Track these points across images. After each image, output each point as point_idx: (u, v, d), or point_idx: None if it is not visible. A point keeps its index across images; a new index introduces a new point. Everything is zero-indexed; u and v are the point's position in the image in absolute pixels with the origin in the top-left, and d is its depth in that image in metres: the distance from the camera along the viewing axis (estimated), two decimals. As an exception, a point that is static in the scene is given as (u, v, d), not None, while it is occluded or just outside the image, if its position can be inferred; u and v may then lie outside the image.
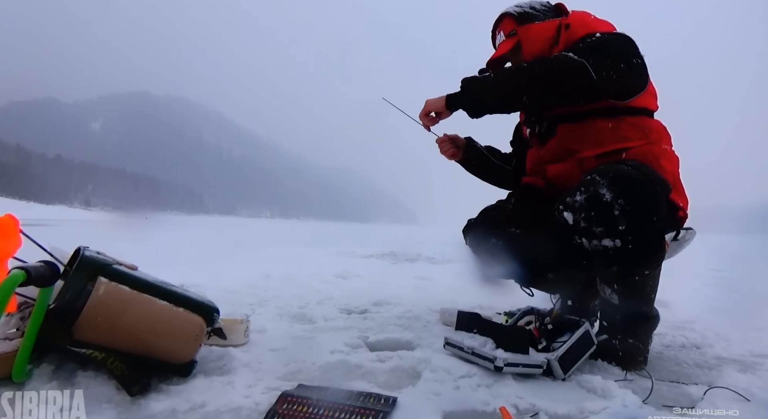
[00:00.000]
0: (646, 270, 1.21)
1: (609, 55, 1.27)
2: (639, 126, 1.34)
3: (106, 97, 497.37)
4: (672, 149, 1.39)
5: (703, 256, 4.46)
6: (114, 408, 0.86)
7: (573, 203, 1.20)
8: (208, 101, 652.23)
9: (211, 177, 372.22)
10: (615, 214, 1.13)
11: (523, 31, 1.47)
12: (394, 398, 0.91)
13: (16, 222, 0.87)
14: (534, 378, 1.08)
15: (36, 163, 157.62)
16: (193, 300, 1.03)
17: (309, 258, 4.44)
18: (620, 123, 1.34)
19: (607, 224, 1.15)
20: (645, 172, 1.18)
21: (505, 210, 1.57)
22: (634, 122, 1.34)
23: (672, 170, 1.33)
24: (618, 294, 1.24)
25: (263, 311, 1.80)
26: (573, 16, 1.45)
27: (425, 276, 3.30)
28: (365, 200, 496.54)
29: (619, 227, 1.14)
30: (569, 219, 1.22)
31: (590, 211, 1.16)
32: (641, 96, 1.34)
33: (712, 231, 15.43)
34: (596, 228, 1.17)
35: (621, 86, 1.31)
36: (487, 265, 1.54)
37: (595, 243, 1.19)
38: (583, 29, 1.38)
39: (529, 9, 1.51)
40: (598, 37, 1.32)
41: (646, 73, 1.33)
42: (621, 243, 1.15)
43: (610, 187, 1.14)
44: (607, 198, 1.14)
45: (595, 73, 1.24)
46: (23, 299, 0.96)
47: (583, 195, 1.18)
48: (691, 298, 2.44)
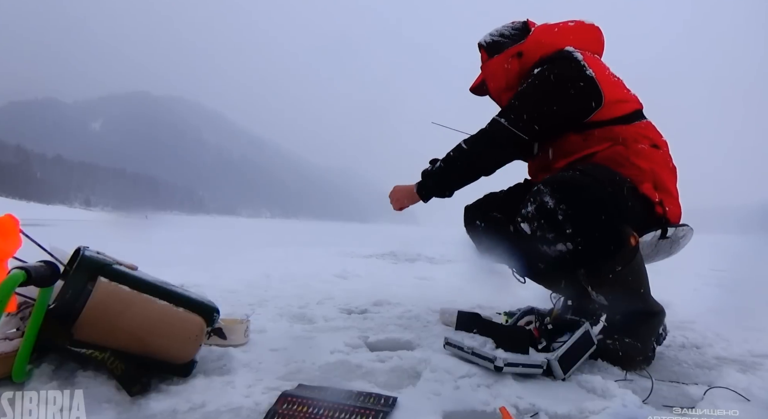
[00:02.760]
0: (615, 266, 1.22)
1: (541, 100, 1.36)
2: (607, 135, 1.36)
3: (106, 97, 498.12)
4: (653, 147, 1.37)
5: (703, 256, 4.46)
6: (114, 408, 0.86)
7: (526, 214, 1.24)
8: (208, 101, 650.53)
9: (211, 177, 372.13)
10: (560, 219, 1.17)
11: (486, 69, 1.59)
12: (394, 398, 0.91)
13: (16, 222, 0.87)
14: (534, 378, 1.08)
15: (36, 163, 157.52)
16: (193, 300, 1.03)
17: (309, 258, 4.44)
18: (588, 137, 1.37)
19: (556, 230, 1.18)
20: (590, 174, 1.22)
21: (495, 196, 1.62)
22: (601, 133, 1.36)
23: (649, 167, 1.33)
24: (603, 295, 1.27)
25: (263, 311, 1.80)
26: (531, 38, 1.50)
27: (425, 276, 3.30)
28: (365, 200, 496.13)
29: (566, 231, 1.17)
30: (527, 229, 1.26)
31: (540, 220, 1.21)
32: (602, 110, 1.34)
33: (712, 232, 15.42)
34: (548, 235, 1.20)
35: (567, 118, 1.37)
36: (478, 247, 1.61)
37: (552, 249, 1.22)
38: (537, 51, 1.45)
39: (498, 37, 1.59)
40: (535, 76, 1.40)
41: (596, 90, 1.32)
42: (572, 246, 1.18)
43: (552, 195, 1.18)
44: (550, 205, 1.18)
45: (525, 132, 1.36)
46: (23, 299, 0.96)
47: (532, 205, 1.22)
48: (691, 298, 2.44)
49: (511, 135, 1.36)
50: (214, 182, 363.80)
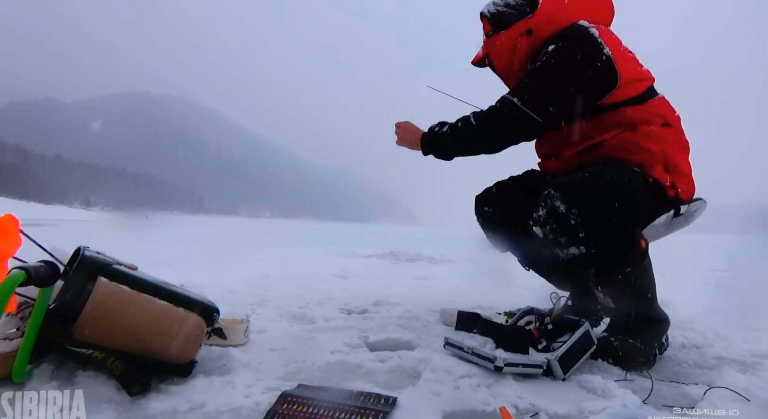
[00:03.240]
0: (626, 268, 1.22)
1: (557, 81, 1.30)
2: (618, 120, 1.33)
3: (106, 97, 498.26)
4: (664, 126, 1.33)
5: (703, 256, 4.46)
6: (114, 408, 0.86)
7: (538, 218, 1.24)
8: (208, 101, 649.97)
9: (211, 177, 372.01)
10: (572, 224, 1.17)
11: (490, 44, 1.50)
12: (394, 398, 0.91)
13: (16, 222, 0.87)
14: (534, 378, 1.08)
15: (36, 163, 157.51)
16: (193, 300, 1.02)
17: (309, 258, 4.44)
18: (599, 122, 1.35)
19: (569, 234, 1.18)
20: (600, 175, 1.20)
21: (503, 185, 1.61)
22: (613, 118, 1.33)
23: (659, 149, 1.30)
24: (611, 297, 1.27)
25: (263, 311, 1.80)
26: (540, 11, 1.41)
27: (425, 276, 3.30)
28: (365, 200, 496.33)
29: (579, 235, 1.17)
30: (539, 233, 1.26)
31: (552, 224, 1.21)
32: (616, 91, 1.30)
33: (712, 231, 15.42)
34: (561, 238, 1.21)
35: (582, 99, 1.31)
36: (487, 235, 1.61)
37: (565, 252, 1.22)
38: (548, 26, 1.38)
39: (503, 7, 1.49)
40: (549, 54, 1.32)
41: (613, 71, 1.27)
42: (585, 249, 1.18)
43: (563, 199, 1.18)
44: (562, 210, 1.18)
45: (539, 114, 1.30)
46: (23, 299, 0.96)
47: (544, 209, 1.22)
48: (691, 298, 2.44)
49: (523, 116, 1.31)
50: (214, 182, 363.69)
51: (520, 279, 2.44)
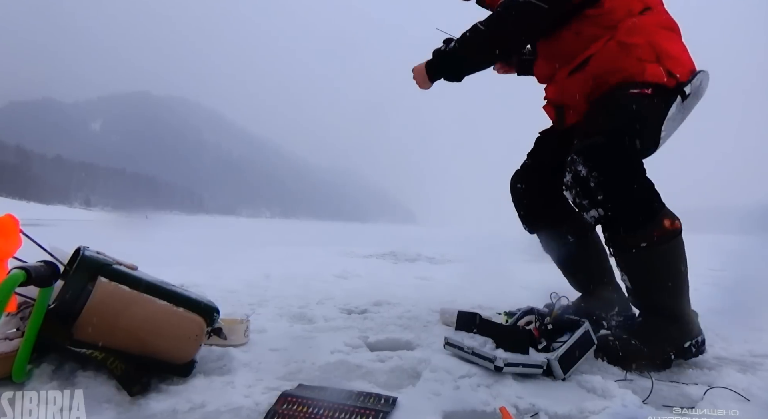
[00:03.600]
0: (639, 241, 1.23)
1: None
2: (599, 18, 1.34)
3: (106, 97, 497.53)
4: (644, 12, 1.35)
5: (703, 256, 4.45)
6: (114, 408, 0.86)
7: (567, 183, 1.31)
8: (208, 101, 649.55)
9: (211, 177, 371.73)
10: (592, 186, 1.23)
11: None
12: (394, 398, 0.91)
13: (16, 222, 0.88)
14: (534, 378, 1.08)
15: (36, 163, 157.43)
16: (193, 300, 1.03)
17: (309, 258, 4.44)
18: (582, 25, 1.37)
19: (590, 196, 1.25)
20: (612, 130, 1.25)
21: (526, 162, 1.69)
22: (593, 15, 1.35)
23: (645, 40, 1.31)
24: (627, 274, 1.30)
25: (263, 311, 1.80)
26: None
27: (425, 276, 3.30)
28: (365, 200, 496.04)
29: (598, 197, 1.23)
30: (570, 198, 1.32)
31: (577, 188, 1.27)
32: None
33: (712, 231, 15.40)
34: (584, 201, 1.27)
35: None
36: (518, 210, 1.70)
37: (588, 215, 1.28)
38: None
39: None
40: None
41: None
42: (603, 211, 1.24)
43: (584, 163, 1.24)
44: (583, 173, 1.24)
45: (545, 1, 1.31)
46: (23, 299, 0.96)
47: (569, 174, 1.28)
48: (691, 298, 2.43)
49: (530, 6, 1.31)
50: (213, 182, 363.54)
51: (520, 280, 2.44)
